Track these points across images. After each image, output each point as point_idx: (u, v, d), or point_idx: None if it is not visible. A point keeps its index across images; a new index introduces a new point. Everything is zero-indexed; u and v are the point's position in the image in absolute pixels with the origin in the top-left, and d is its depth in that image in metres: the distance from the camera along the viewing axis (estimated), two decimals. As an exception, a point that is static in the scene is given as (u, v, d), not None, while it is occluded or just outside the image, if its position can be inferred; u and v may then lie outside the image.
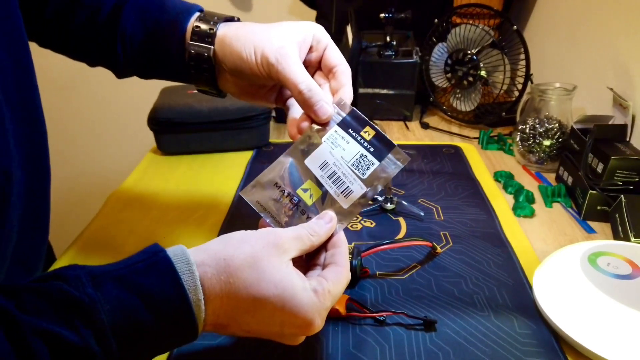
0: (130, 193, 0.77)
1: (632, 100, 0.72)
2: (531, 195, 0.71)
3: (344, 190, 0.43)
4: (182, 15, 0.49)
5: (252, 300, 0.35)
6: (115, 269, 0.34)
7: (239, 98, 0.52)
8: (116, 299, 0.32)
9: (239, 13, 1.49)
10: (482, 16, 0.94)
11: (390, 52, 0.98)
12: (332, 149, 0.44)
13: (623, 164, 0.64)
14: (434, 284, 0.55)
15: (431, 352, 0.46)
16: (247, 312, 0.36)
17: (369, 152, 0.43)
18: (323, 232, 0.41)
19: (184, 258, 0.35)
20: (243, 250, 0.36)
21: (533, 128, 0.79)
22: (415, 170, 0.80)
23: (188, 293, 0.33)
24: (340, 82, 0.47)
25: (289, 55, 0.44)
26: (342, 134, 0.44)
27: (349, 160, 0.43)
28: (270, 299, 0.35)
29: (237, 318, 0.36)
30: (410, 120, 1.01)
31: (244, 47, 0.46)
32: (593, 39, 0.85)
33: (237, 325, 0.37)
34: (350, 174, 0.43)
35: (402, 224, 0.66)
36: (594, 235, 0.64)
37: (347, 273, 0.40)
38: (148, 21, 0.50)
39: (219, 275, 0.35)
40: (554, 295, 0.50)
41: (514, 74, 0.92)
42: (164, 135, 0.86)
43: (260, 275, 0.35)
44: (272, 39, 0.45)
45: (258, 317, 0.36)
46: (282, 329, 0.37)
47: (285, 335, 0.38)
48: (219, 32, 0.48)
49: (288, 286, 0.36)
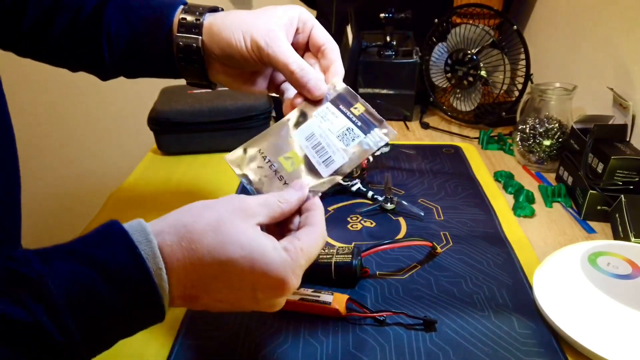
0: (130, 193, 0.77)
1: (632, 100, 0.72)
2: (531, 195, 0.71)
3: (326, 160, 0.43)
4: (167, 9, 0.49)
5: (219, 265, 0.34)
6: (67, 244, 0.32)
7: (231, 87, 0.52)
8: (68, 272, 0.30)
9: (239, 13, 1.49)
10: (482, 16, 0.94)
11: (390, 52, 0.98)
12: (320, 123, 0.45)
13: (623, 164, 0.64)
14: (434, 284, 0.55)
15: (431, 352, 0.46)
16: (215, 278, 0.34)
17: (356, 126, 0.44)
18: (294, 199, 0.40)
19: (139, 228, 0.33)
20: (206, 215, 0.35)
21: (533, 128, 0.79)
22: (415, 170, 0.80)
23: (146, 262, 0.32)
24: (330, 59, 0.47)
25: (278, 37, 0.45)
26: (332, 110, 0.45)
27: (335, 132, 0.44)
28: (237, 261, 0.34)
29: (206, 287, 0.34)
30: (410, 120, 1.01)
31: (232, 33, 0.46)
32: (593, 39, 0.85)
33: (207, 295, 0.35)
34: (334, 145, 0.43)
35: (402, 224, 0.66)
36: (594, 235, 0.64)
37: (321, 231, 0.38)
38: (132, 19, 0.50)
39: (180, 242, 0.33)
40: (554, 295, 0.50)
41: (514, 74, 0.92)
42: (164, 135, 0.86)
43: (225, 239, 0.34)
44: (260, 24, 0.45)
45: (228, 282, 0.34)
46: (255, 293, 0.35)
47: (260, 300, 0.36)
48: (206, 22, 0.48)
49: (255, 246, 0.34)
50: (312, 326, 0.49)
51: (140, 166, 0.85)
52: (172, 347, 0.47)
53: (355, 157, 0.43)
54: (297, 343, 0.47)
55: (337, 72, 0.47)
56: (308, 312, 0.50)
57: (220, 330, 0.49)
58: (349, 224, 0.66)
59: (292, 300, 0.50)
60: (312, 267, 0.54)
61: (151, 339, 0.49)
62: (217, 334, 0.48)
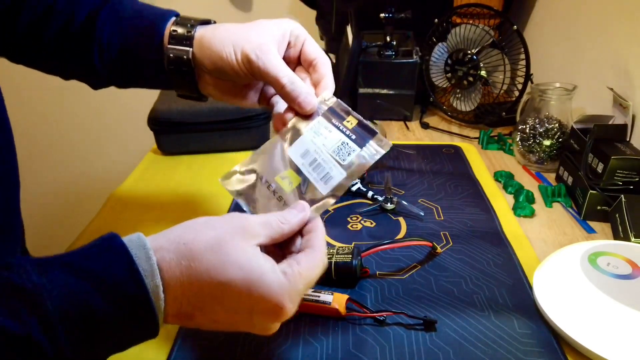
0: (130, 193, 0.77)
1: (632, 100, 0.72)
2: (531, 195, 0.71)
3: (324, 176, 0.42)
4: (158, 20, 0.49)
5: (217, 285, 0.33)
6: (65, 255, 0.31)
7: (221, 100, 0.52)
8: (64, 285, 0.30)
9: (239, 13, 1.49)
10: (482, 16, 0.94)
11: (390, 52, 0.98)
12: (314, 138, 0.44)
13: (623, 164, 0.64)
14: (434, 284, 0.55)
15: (431, 352, 0.46)
16: (212, 298, 0.34)
17: (350, 140, 0.43)
18: (295, 221, 0.39)
19: (139, 243, 0.33)
20: (206, 234, 0.35)
21: (533, 128, 0.79)
22: (415, 170, 0.80)
23: (144, 278, 0.31)
24: (321, 74, 0.47)
25: (269, 51, 0.45)
26: (325, 124, 0.45)
27: (330, 148, 0.43)
28: (235, 282, 0.33)
29: (201, 306, 0.34)
30: (410, 120, 1.01)
31: (223, 46, 0.46)
32: (593, 39, 0.85)
33: (202, 314, 0.35)
34: (331, 160, 0.43)
35: (402, 224, 0.66)
36: (594, 235, 0.64)
37: (322, 256, 0.38)
38: (125, 28, 0.50)
39: (179, 259, 0.33)
40: (554, 295, 0.50)
41: (514, 74, 0.92)
42: (164, 135, 0.86)
43: (224, 258, 0.33)
44: (251, 37, 0.45)
45: (224, 304, 0.34)
46: (251, 316, 0.35)
47: (255, 323, 0.36)
48: (197, 34, 0.48)
49: (255, 268, 0.34)
50: (312, 326, 0.49)
51: (140, 166, 0.85)
52: (172, 347, 0.47)
53: (353, 171, 0.42)
54: (297, 343, 0.47)
55: (328, 86, 0.47)
56: (308, 312, 0.50)
57: (220, 330, 0.49)
58: (349, 224, 0.66)
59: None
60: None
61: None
62: (217, 334, 0.48)
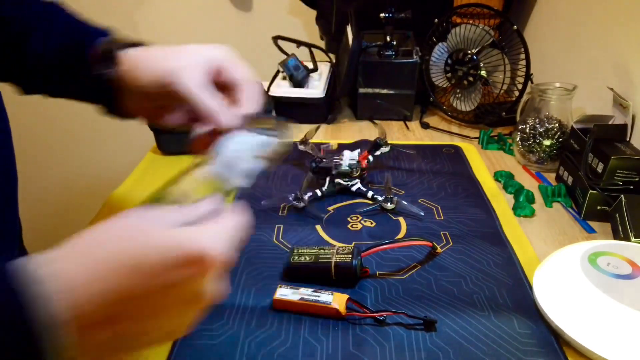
0: (130, 193, 0.77)
1: (632, 100, 0.72)
2: (531, 195, 0.71)
3: (243, 171, 0.43)
4: (87, 38, 0.50)
5: (125, 266, 0.30)
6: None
7: (146, 119, 0.52)
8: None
9: (239, 13, 1.49)
10: (482, 16, 0.94)
11: (390, 52, 0.98)
12: (234, 148, 0.44)
13: (623, 163, 0.64)
14: (434, 284, 0.55)
15: (431, 352, 0.46)
16: (129, 284, 0.29)
17: (266, 137, 0.45)
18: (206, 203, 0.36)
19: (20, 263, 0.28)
20: (102, 227, 0.34)
21: (533, 128, 0.79)
22: (415, 170, 0.80)
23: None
24: (245, 98, 0.47)
25: (189, 74, 0.45)
26: (243, 134, 0.45)
27: (248, 149, 0.44)
28: (121, 260, 0.30)
29: (123, 302, 0.29)
30: (410, 120, 1.01)
31: (145, 68, 0.47)
32: (593, 39, 0.85)
33: (128, 316, 0.30)
34: (250, 159, 0.43)
35: (402, 224, 0.66)
36: (594, 235, 0.64)
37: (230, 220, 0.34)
38: (55, 41, 0.50)
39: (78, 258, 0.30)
40: (554, 295, 0.50)
41: (514, 74, 0.92)
42: (164, 135, 0.86)
43: (122, 234, 0.33)
44: (173, 61, 0.46)
45: (142, 283, 0.30)
46: (173, 287, 0.30)
47: (187, 294, 0.31)
48: (123, 55, 0.48)
49: (136, 233, 0.32)
50: (312, 326, 0.49)
51: (140, 166, 0.85)
52: (172, 347, 0.47)
53: (266, 158, 0.43)
54: (297, 343, 0.47)
55: (251, 104, 0.47)
56: (308, 312, 0.50)
57: (220, 330, 0.49)
58: (349, 224, 0.66)
59: (292, 300, 0.50)
60: (312, 267, 0.55)
61: (151, 339, 0.49)
62: (217, 334, 0.48)
